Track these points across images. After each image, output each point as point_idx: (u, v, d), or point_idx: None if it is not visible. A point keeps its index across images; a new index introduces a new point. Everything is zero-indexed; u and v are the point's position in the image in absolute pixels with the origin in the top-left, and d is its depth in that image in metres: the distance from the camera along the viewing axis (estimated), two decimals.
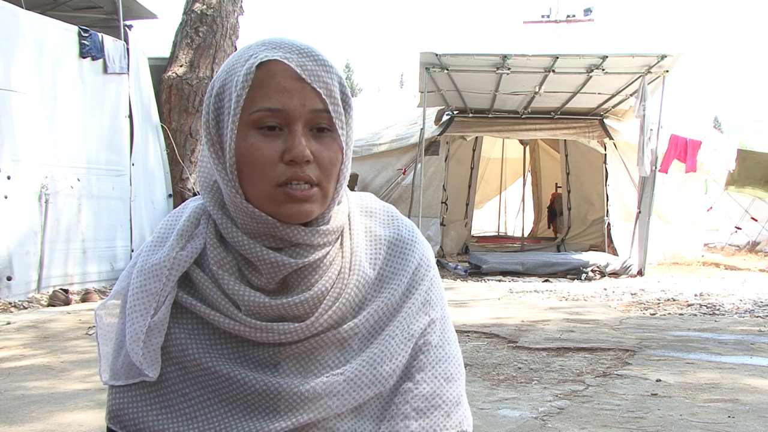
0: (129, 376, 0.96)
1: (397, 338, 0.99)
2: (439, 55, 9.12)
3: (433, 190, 11.36)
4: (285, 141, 0.91)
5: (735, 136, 28.79)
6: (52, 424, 3.08)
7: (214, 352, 0.95)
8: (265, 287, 0.95)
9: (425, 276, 1.04)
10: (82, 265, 7.46)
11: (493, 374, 3.99)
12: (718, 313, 6.32)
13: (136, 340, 0.94)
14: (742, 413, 3.20)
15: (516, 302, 7.11)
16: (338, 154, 0.95)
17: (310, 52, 0.93)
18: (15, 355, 4.52)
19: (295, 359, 0.96)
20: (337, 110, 0.94)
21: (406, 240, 1.04)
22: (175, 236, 0.97)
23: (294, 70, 0.91)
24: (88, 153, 7.58)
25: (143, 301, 0.95)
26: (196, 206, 1.01)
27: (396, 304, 1.01)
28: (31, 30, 6.87)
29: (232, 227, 0.95)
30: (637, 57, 8.93)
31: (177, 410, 0.95)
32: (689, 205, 12.12)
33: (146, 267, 0.97)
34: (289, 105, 0.91)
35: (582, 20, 21.06)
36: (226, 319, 0.94)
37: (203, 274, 0.96)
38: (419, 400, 0.98)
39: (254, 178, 0.92)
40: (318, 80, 0.92)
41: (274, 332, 0.94)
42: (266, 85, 0.91)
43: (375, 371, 0.96)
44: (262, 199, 0.92)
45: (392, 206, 1.11)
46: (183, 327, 0.96)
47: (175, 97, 9.01)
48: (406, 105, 14.48)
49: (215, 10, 9.23)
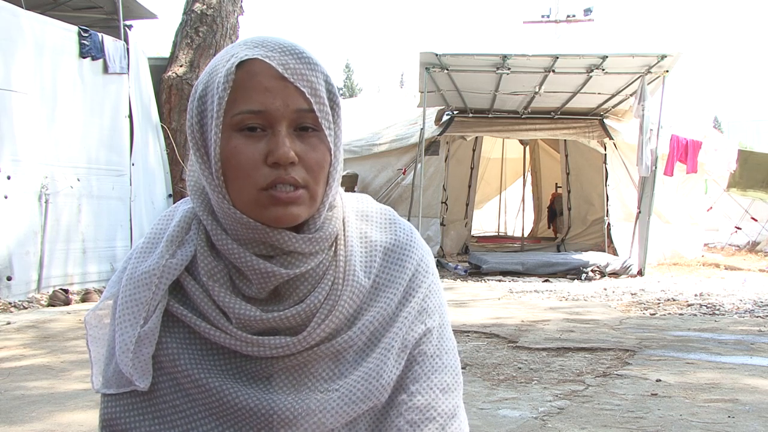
0: (120, 384, 0.94)
1: (394, 350, 0.95)
2: (439, 55, 9.12)
3: (433, 190, 11.36)
4: (268, 143, 0.87)
5: (735, 136, 28.79)
6: (52, 424, 3.08)
7: (206, 364, 0.92)
8: (256, 296, 0.92)
9: (422, 283, 1.00)
10: (82, 265, 7.46)
11: (493, 374, 3.99)
12: (718, 313, 6.32)
13: (126, 351, 0.92)
14: (742, 413, 3.20)
15: (516, 302, 7.11)
16: (326, 155, 0.90)
17: (293, 49, 0.89)
18: (15, 355, 4.52)
19: (287, 373, 0.93)
20: (323, 109, 0.90)
21: (403, 245, 1.00)
22: (165, 242, 0.94)
23: (275, 69, 0.87)
24: (88, 153, 7.58)
25: (132, 311, 0.92)
26: (186, 210, 0.98)
27: (392, 314, 0.97)
28: (31, 30, 6.87)
29: (222, 234, 0.91)
30: (637, 57, 8.94)
31: (169, 422, 0.93)
32: (689, 205, 12.12)
33: (135, 275, 0.94)
34: (271, 106, 0.87)
35: (582, 20, 21.06)
36: (217, 332, 0.91)
37: (194, 282, 0.93)
38: (413, 413, 0.94)
39: (239, 182, 0.88)
40: (301, 79, 0.88)
41: (266, 347, 0.91)
42: (247, 85, 0.87)
43: (371, 385, 0.93)
44: (248, 204, 0.89)
45: (390, 209, 1.07)
46: (174, 337, 0.93)
47: (175, 97, 9.01)
48: (406, 105, 14.47)
49: (215, 10, 9.23)
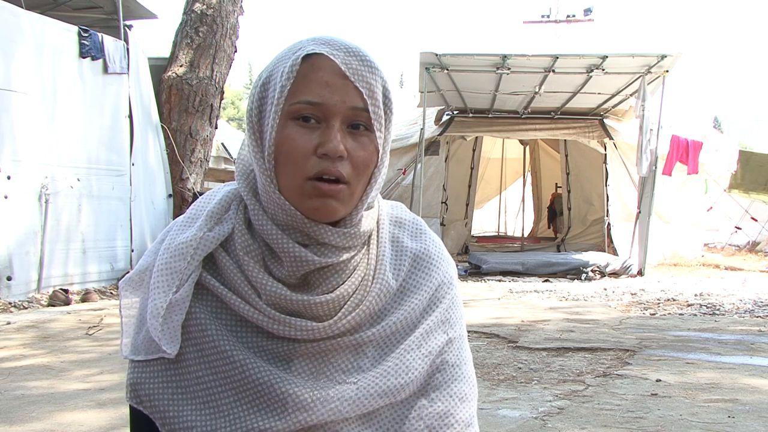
0: (149, 351, 0.96)
1: (413, 353, 0.99)
2: (439, 55, 9.12)
3: (433, 190, 11.36)
4: (321, 135, 0.91)
5: (735, 136, 28.82)
6: (52, 424, 3.08)
7: (232, 337, 0.95)
8: (286, 280, 0.95)
9: (447, 294, 1.04)
10: (82, 265, 7.46)
11: (493, 374, 3.99)
12: (718, 313, 6.32)
13: (156, 316, 0.95)
14: (742, 413, 3.20)
15: (516, 302, 7.11)
16: (373, 156, 0.94)
17: (357, 51, 0.94)
18: (15, 355, 4.52)
19: (308, 358, 0.96)
20: (377, 111, 0.94)
21: (433, 256, 1.04)
22: (205, 217, 0.98)
23: (338, 67, 0.91)
24: (88, 153, 7.58)
25: (167, 279, 0.96)
26: (228, 191, 1.02)
27: (416, 319, 1.00)
28: (31, 30, 6.87)
29: (263, 215, 0.95)
30: (637, 57, 8.94)
31: (191, 392, 0.95)
32: (689, 205, 12.12)
33: (173, 245, 0.98)
34: (329, 100, 0.91)
35: (582, 20, 21.09)
36: (246, 306, 0.94)
37: (228, 257, 0.97)
38: (433, 419, 0.98)
39: (288, 168, 0.92)
40: (361, 79, 0.92)
41: (292, 327, 0.94)
42: (310, 78, 0.91)
43: (388, 383, 0.96)
44: (292, 191, 0.93)
45: (421, 219, 1.10)
46: (204, 308, 0.96)
47: (175, 97, 9.01)
48: (406, 105, 14.47)
49: (215, 10, 9.23)
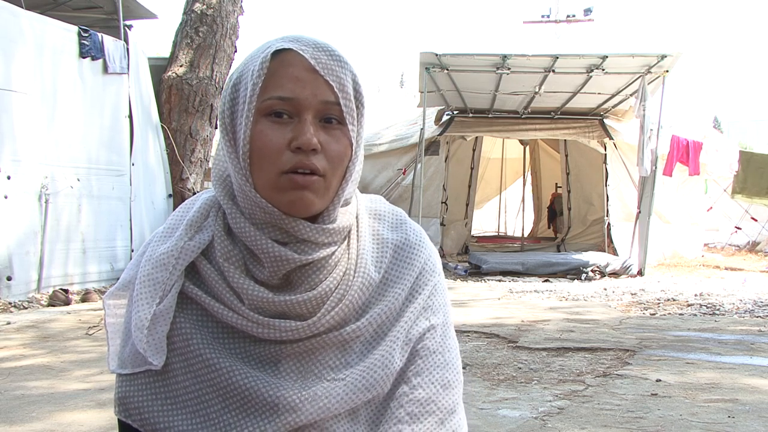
0: (135, 364, 0.97)
1: (399, 343, 0.99)
2: (439, 55, 9.12)
3: (433, 190, 11.36)
4: (294, 129, 0.92)
5: (735, 136, 28.81)
6: (52, 424, 3.08)
7: (217, 345, 0.95)
8: (268, 282, 0.95)
9: (429, 281, 1.04)
10: (82, 265, 7.46)
11: (493, 374, 3.99)
12: (718, 313, 6.32)
13: (141, 328, 0.95)
14: (742, 413, 3.20)
15: (516, 302, 7.11)
16: (347, 149, 0.95)
17: (325, 47, 0.95)
18: (15, 355, 4.52)
19: (295, 358, 0.96)
20: (349, 105, 0.94)
21: (413, 244, 1.04)
22: (185, 226, 0.99)
23: (308, 61, 0.92)
24: (88, 153, 7.58)
25: (149, 290, 0.96)
26: (207, 198, 1.03)
27: (399, 309, 1.01)
28: (31, 30, 6.87)
29: (240, 217, 0.96)
30: (637, 57, 8.94)
31: (180, 403, 0.96)
32: (689, 205, 12.12)
33: (154, 256, 0.98)
34: (300, 94, 0.92)
35: (582, 20, 21.08)
36: (230, 312, 0.95)
37: (210, 265, 0.97)
38: (414, 405, 0.98)
39: (262, 164, 0.92)
40: (331, 73, 0.93)
41: (276, 329, 0.94)
42: (280, 74, 0.92)
43: (376, 375, 0.96)
44: (268, 188, 0.93)
45: (401, 210, 1.11)
46: (188, 317, 0.97)
47: (175, 97, 9.01)
48: (406, 105, 14.49)
49: (215, 10, 9.22)
